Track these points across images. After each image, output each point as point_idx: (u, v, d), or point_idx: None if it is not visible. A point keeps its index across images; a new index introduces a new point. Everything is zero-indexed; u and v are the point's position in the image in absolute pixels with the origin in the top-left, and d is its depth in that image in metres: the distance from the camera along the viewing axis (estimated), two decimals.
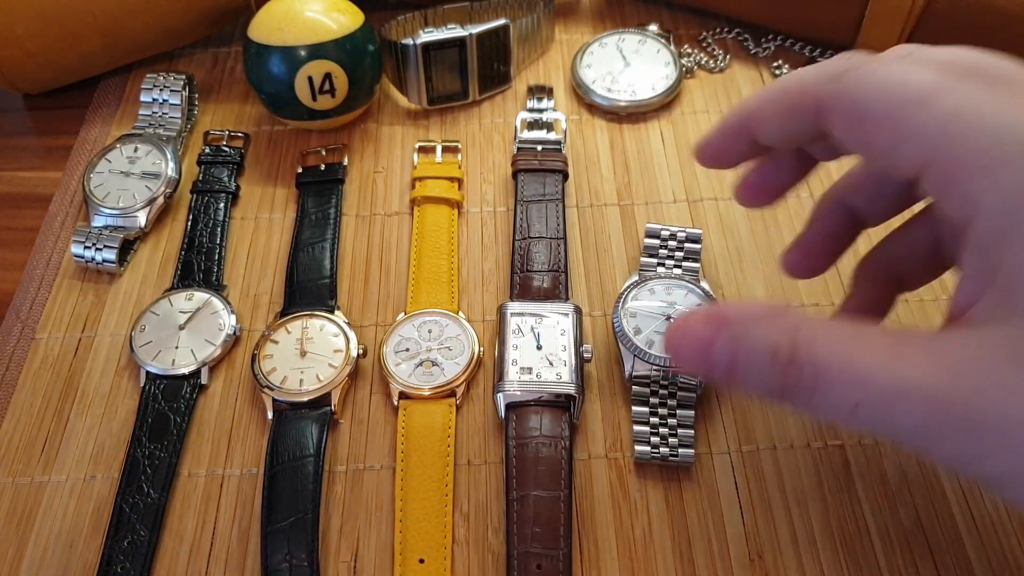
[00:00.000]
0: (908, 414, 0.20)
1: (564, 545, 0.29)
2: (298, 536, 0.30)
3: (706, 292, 0.35)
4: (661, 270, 0.36)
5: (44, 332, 0.37)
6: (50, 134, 0.46)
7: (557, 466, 0.31)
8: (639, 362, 0.33)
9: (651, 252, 0.37)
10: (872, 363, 0.20)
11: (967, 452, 0.20)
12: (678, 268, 0.36)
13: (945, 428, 0.20)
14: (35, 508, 0.32)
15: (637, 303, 0.35)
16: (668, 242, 0.37)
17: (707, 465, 0.33)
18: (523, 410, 0.33)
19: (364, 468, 0.33)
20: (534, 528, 0.30)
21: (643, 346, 0.33)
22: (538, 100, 0.45)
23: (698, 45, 0.50)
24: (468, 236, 0.40)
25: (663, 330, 0.34)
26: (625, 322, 0.34)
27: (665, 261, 0.37)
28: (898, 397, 0.20)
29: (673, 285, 0.35)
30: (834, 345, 0.21)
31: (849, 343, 0.21)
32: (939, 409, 0.20)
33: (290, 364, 0.35)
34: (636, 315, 0.34)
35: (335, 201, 0.41)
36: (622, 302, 0.35)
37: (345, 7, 0.41)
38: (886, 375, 0.20)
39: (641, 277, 0.36)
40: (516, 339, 0.35)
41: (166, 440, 0.33)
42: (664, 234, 0.37)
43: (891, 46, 0.45)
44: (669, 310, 0.34)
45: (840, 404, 0.21)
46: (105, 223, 0.40)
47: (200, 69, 0.49)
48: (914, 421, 0.20)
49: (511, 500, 0.30)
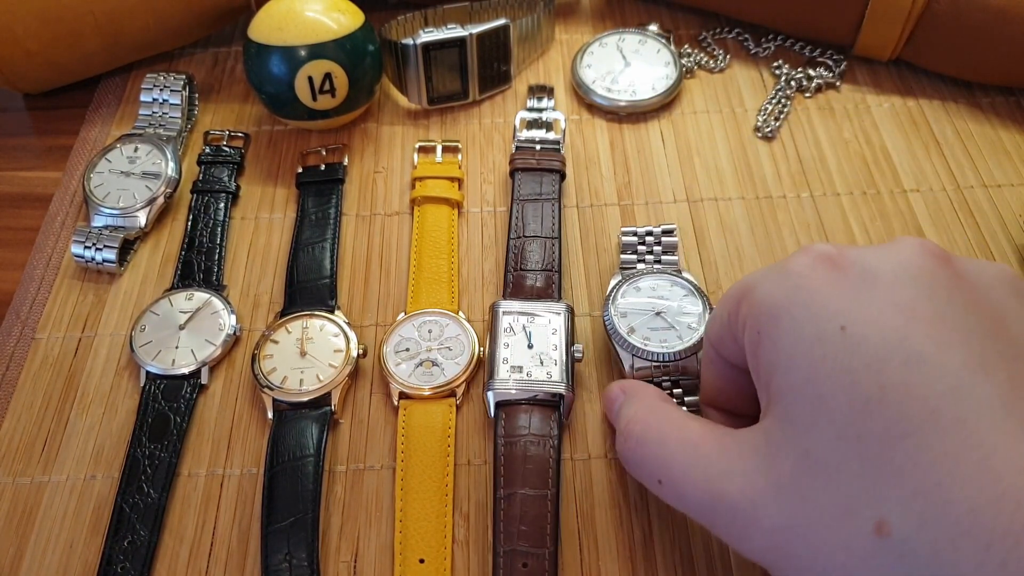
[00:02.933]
0: (694, 497, 0.24)
1: (551, 544, 0.29)
2: (298, 536, 0.30)
3: (690, 282, 0.35)
4: (641, 266, 0.37)
5: (44, 332, 0.37)
6: (50, 134, 0.46)
7: (545, 465, 0.31)
8: (638, 360, 0.33)
9: (630, 249, 0.37)
10: (676, 451, 0.25)
11: (732, 533, 0.23)
12: (658, 263, 0.37)
13: (717, 510, 0.23)
14: (35, 508, 0.32)
15: (626, 300, 0.35)
16: (645, 238, 0.37)
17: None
18: (513, 408, 0.33)
19: (364, 468, 0.33)
20: (520, 526, 0.30)
21: (640, 344, 0.33)
22: (538, 99, 0.45)
23: (698, 45, 0.50)
24: (468, 236, 0.40)
25: (656, 326, 0.34)
26: (617, 322, 0.34)
27: (645, 257, 0.37)
28: (685, 481, 0.24)
29: (657, 279, 0.36)
30: (660, 430, 0.26)
31: (670, 431, 0.26)
32: (714, 494, 0.23)
33: (290, 364, 0.35)
34: (627, 314, 0.34)
35: (335, 201, 0.41)
36: (611, 301, 0.35)
37: (345, 7, 0.41)
38: (682, 463, 0.25)
39: (624, 276, 0.36)
40: (507, 337, 0.35)
41: (166, 440, 0.33)
42: (640, 231, 0.37)
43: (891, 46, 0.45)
44: (659, 304, 0.35)
45: (650, 477, 0.26)
46: (105, 223, 0.40)
47: (200, 69, 0.49)
48: (698, 503, 0.24)
49: (498, 498, 0.30)
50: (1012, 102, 0.46)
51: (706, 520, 0.24)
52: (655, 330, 0.34)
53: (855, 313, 0.22)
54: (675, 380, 0.33)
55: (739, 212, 0.41)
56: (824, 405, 0.21)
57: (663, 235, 0.37)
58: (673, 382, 0.33)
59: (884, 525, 0.20)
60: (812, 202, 0.41)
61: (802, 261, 0.24)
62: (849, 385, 0.21)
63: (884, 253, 0.24)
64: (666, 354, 0.33)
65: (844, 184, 0.42)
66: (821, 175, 0.43)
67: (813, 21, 0.46)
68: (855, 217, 0.41)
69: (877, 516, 0.20)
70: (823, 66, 0.47)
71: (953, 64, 0.45)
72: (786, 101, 0.46)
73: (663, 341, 0.34)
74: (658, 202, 0.42)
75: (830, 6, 0.45)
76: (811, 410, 0.22)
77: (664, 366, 0.33)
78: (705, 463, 0.24)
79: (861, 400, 0.21)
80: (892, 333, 0.21)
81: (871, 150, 0.44)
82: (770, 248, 0.40)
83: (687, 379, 0.33)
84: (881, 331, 0.21)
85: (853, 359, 0.21)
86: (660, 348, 0.33)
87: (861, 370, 0.21)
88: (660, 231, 0.37)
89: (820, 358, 0.22)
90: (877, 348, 0.21)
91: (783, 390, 0.23)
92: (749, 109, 0.46)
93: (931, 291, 0.22)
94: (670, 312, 0.34)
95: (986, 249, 0.39)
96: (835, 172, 0.43)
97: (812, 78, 0.47)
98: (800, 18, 0.47)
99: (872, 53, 0.46)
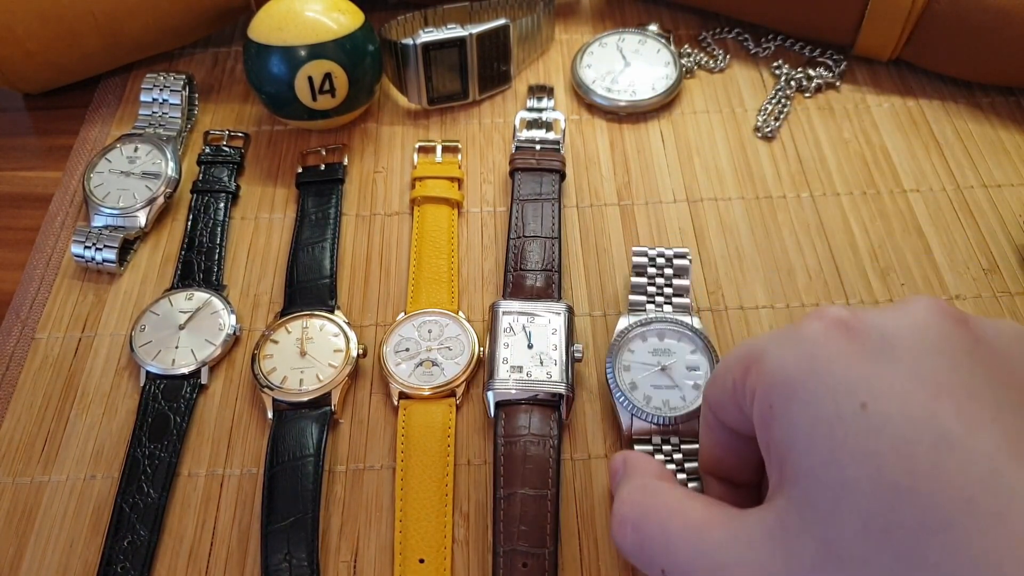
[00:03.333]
0: None
1: (551, 544, 0.29)
2: (298, 536, 0.30)
3: (699, 334, 0.34)
4: (651, 307, 0.35)
5: (44, 332, 0.37)
6: (50, 134, 0.46)
7: (545, 465, 0.31)
8: (637, 420, 0.32)
9: (639, 271, 0.36)
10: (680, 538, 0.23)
11: None
12: (668, 287, 0.35)
13: None
14: (35, 508, 0.32)
15: (631, 356, 0.33)
16: (656, 259, 0.36)
17: None
18: (512, 408, 0.33)
19: (364, 468, 0.33)
20: (520, 526, 0.30)
21: (640, 404, 0.32)
22: (538, 100, 0.45)
23: (698, 45, 0.50)
24: (468, 236, 0.40)
25: (659, 383, 0.32)
26: (619, 376, 0.33)
27: (656, 279, 0.36)
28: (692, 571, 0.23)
29: (666, 328, 0.34)
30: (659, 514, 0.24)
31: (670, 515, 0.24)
32: None
33: (290, 364, 0.35)
34: (630, 367, 0.33)
35: (335, 201, 0.41)
36: (616, 353, 0.33)
37: (345, 7, 0.41)
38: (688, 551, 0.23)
39: (631, 323, 0.34)
40: (507, 337, 0.35)
41: (166, 440, 0.33)
42: (651, 253, 0.36)
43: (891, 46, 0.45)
44: (665, 359, 0.33)
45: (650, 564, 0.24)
46: (105, 223, 0.40)
47: (200, 69, 0.49)
48: None
49: (498, 498, 0.30)
50: (1012, 102, 0.46)
51: None
52: (658, 388, 0.32)
53: (876, 388, 0.20)
54: (676, 445, 0.32)
55: (739, 212, 0.41)
56: (847, 492, 0.19)
57: (675, 258, 0.36)
58: (674, 446, 0.32)
59: None
60: (812, 202, 0.41)
61: (815, 327, 0.22)
62: (875, 471, 0.19)
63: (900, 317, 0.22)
64: (666, 417, 0.32)
65: (844, 184, 0.42)
66: (821, 175, 0.43)
67: (813, 21, 0.46)
68: (855, 217, 0.41)
69: None
70: (823, 66, 0.47)
71: (953, 64, 0.45)
72: (786, 101, 0.46)
73: (665, 401, 0.32)
74: (658, 202, 0.42)
75: (830, 6, 0.45)
76: (832, 497, 0.20)
77: (664, 427, 0.32)
78: (713, 551, 0.22)
79: (889, 488, 0.19)
80: (919, 411, 0.19)
81: (871, 150, 0.44)
82: (770, 248, 0.40)
83: (689, 441, 0.32)
84: (906, 409, 0.20)
85: (878, 441, 0.19)
86: (661, 410, 0.32)
87: (887, 453, 0.19)
88: (672, 253, 0.36)
89: (842, 440, 0.20)
90: (903, 429, 0.19)
91: (800, 472, 0.21)
92: (749, 109, 0.46)
93: (954, 361, 0.21)
94: (675, 369, 0.33)
95: (986, 249, 0.39)
96: (835, 172, 0.43)
97: (812, 78, 0.47)
98: (800, 18, 0.47)
99: (872, 53, 0.47)
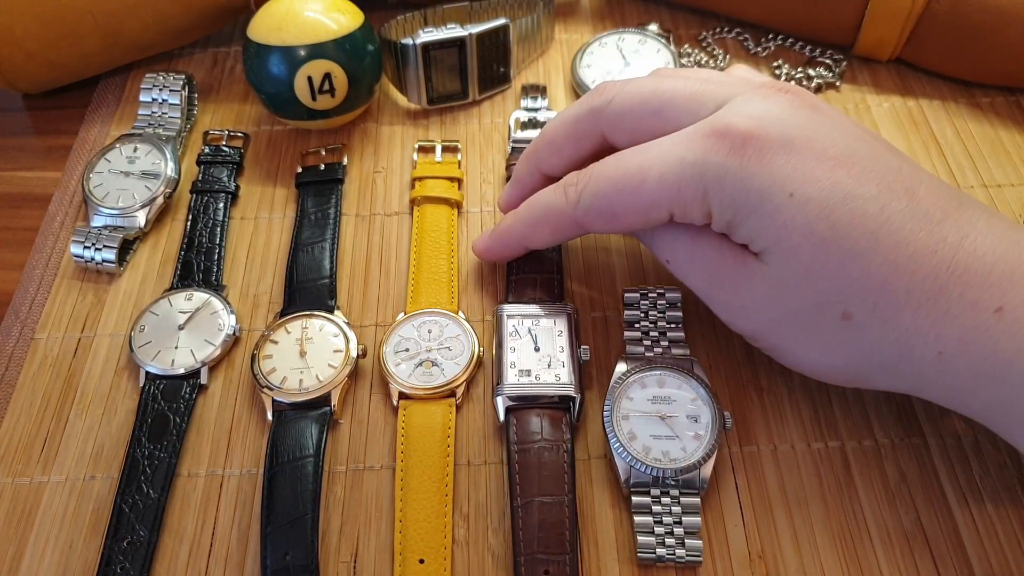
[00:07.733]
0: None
1: (570, 549, 0.29)
2: (298, 536, 0.30)
3: (700, 380, 0.33)
4: (646, 345, 0.34)
5: (44, 332, 0.37)
6: (50, 134, 0.46)
7: (560, 471, 0.31)
8: (635, 472, 0.31)
9: (631, 304, 0.35)
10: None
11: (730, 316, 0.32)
12: (662, 320, 0.35)
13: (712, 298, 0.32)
14: (35, 508, 0.32)
15: (630, 404, 0.32)
16: (649, 293, 0.35)
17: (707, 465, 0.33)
18: (523, 413, 0.33)
19: (364, 468, 0.33)
20: (539, 534, 0.30)
21: (640, 455, 0.31)
22: (532, 99, 0.45)
23: (698, 45, 0.50)
24: (468, 236, 0.40)
25: (658, 433, 0.31)
26: (618, 426, 0.32)
27: (648, 312, 0.35)
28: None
29: (666, 374, 0.33)
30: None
31: None
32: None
33: (290, 364, 0.35)
34: (628, 416, 0.32)
35: (335, 201, 0.41)
36: (614, 402, 0.32)
37: (345, 7, 0.41)
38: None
39: (629, 368, 0.33)
40: (513, 341, 0.34)
41: (166, 440, 0.33)
42: (645, 291, 0.35)
43: (891, 46, 0.45)
44: (664, 408, 0.32)
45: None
46: (104, 223, 0.40)
47: (200, 69, 0.49)
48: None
49: (515, 507, 0.30)
50: (1012, 102, 0.46)
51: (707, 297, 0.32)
52: (657, 438, 0.31)
53: (793, 178, 0.27)
54: (675, 498, 0.31)
55: None
56: (793, 251, 0.28)
57: (668, 298, 0.35)
58: (673, 499, 0.31)
59: (848, 314, 0.28)
60: None
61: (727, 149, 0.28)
62: (808, 234, 0.27)
63: (777, 114, 0.28)
64: (666, 470, 0.30)
65: None
66: None
67: (813, 21, 0.46)
68: None
69: (843, 308, 0.28)
70: (823, 66, 0.47)
71: (953, 64, 0.45)
72: None
73: (665, 452, 0.31)
74: None
75: (830, 6, 0.45)
76: (785, 256, 0.28)
77: (662, 479, 0.31)
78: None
79: (819, 241, 0.27)
80: (825, 183, 0.27)
81: None
82: None
83: (688, 494, 0.31)
84: (818, 185, 0.27)
85: (806, 213, 0.27)
86: (660, 462, 0.31)
87: (815, 220, 0.27)
88: (666, 303, 0.35)
89: (783, 221, 0.28)
90: (820, 199, 0.27)
91: (765, 249, 0.29)
92: None
93: (830, 138, 0.28)
94: (676, 419, 0.32)
95: None
96: None
97: (812, 78, 0.47)
98: (800, 18, 0.47)
99: (872, 53, 0.46)
